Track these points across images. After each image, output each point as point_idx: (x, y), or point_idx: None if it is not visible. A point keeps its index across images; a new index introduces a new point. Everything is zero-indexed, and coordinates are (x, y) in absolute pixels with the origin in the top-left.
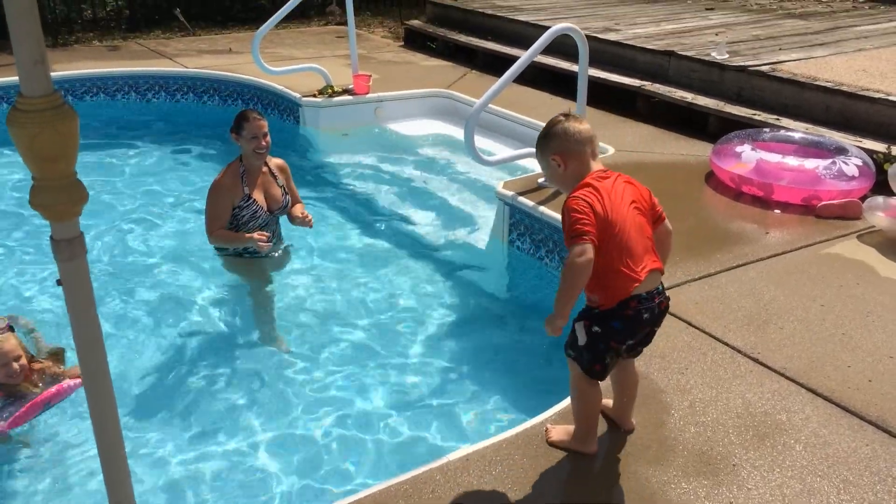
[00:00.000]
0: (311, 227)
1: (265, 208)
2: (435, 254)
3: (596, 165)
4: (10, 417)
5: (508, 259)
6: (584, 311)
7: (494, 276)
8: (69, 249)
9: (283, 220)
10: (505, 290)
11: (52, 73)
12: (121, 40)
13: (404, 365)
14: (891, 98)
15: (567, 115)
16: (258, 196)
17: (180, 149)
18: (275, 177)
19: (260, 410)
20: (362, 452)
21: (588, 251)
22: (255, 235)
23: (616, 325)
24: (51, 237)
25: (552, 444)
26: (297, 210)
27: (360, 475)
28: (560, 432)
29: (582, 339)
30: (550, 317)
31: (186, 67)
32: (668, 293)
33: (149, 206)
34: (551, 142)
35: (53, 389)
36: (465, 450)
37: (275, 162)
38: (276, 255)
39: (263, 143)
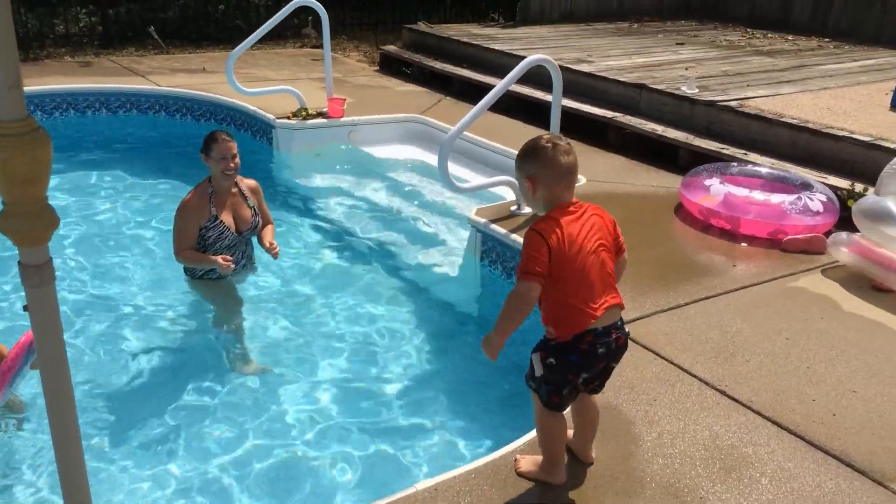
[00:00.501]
0: (275, 258)
1: (233, 229)
2: (407, 279)
3: (569, 197)
4: None
5: (481, 285)
6: (540, 343)
7: (467, 303)
8: (38, 275)
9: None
10: (477, 317)
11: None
12: (93, 56)
13: (373, 391)
14: (854, 136)
15: (556, 144)
16: (226, 217)
17: (151, 167)
18: (245, 198)
19: (225, 433)
20: (327, 480)
21: (532, 290)
22: (220, 259)
23: (572, 359)
24: (19, 262)
25: (521, 475)
26: (267, 235)
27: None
28: (528, 463)
29: (539, 370)
30: (488, 336)
31: (159, 86)
32: (637, 323)
33: (116, 224)
34: (529, 164)
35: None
36: (434, 479)
37: (247, 183)
38: (244, 277)
39: (232, 165)
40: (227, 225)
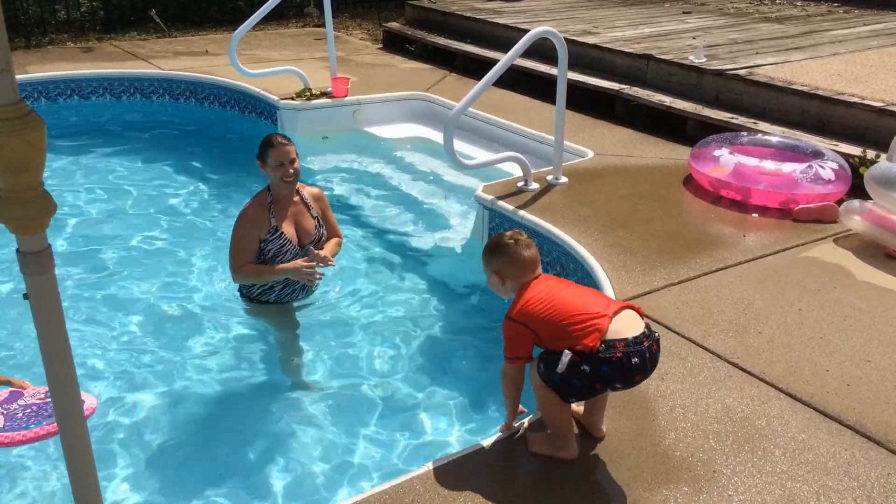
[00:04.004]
0: (331, 265)
1: (295, 242)
2: (414, 257)
3: (532, 277)
4: None
5: None
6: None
7: (475, 280)
8: (37, 263)
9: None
10: (485, 295)
11: (26, 75)
12: (95, 41)
13: (384, 370)
14: (866, 102)
15: (517, 240)
16: (287, 229)
17: (156, 152)
18: (308, 207)
19: (239, 416)
20: (341, 460)
21: (514, 369)
22: (299, 263)
23: (604, 370)
24: (17, 250)
25: (533, 452)
26: (327, 247)
27: (340, 484)
28: (540, 439)
29: (561, 367)
30: (505, 426)
31: (162, 69)
32: (648, 297)
33: (121, 210)
34: (494, 259)
35: (41, 431)
36: (446, 458)
37: (309, 191)
38: (307, 297)
39: (291, 171)
40: (288, 237)
